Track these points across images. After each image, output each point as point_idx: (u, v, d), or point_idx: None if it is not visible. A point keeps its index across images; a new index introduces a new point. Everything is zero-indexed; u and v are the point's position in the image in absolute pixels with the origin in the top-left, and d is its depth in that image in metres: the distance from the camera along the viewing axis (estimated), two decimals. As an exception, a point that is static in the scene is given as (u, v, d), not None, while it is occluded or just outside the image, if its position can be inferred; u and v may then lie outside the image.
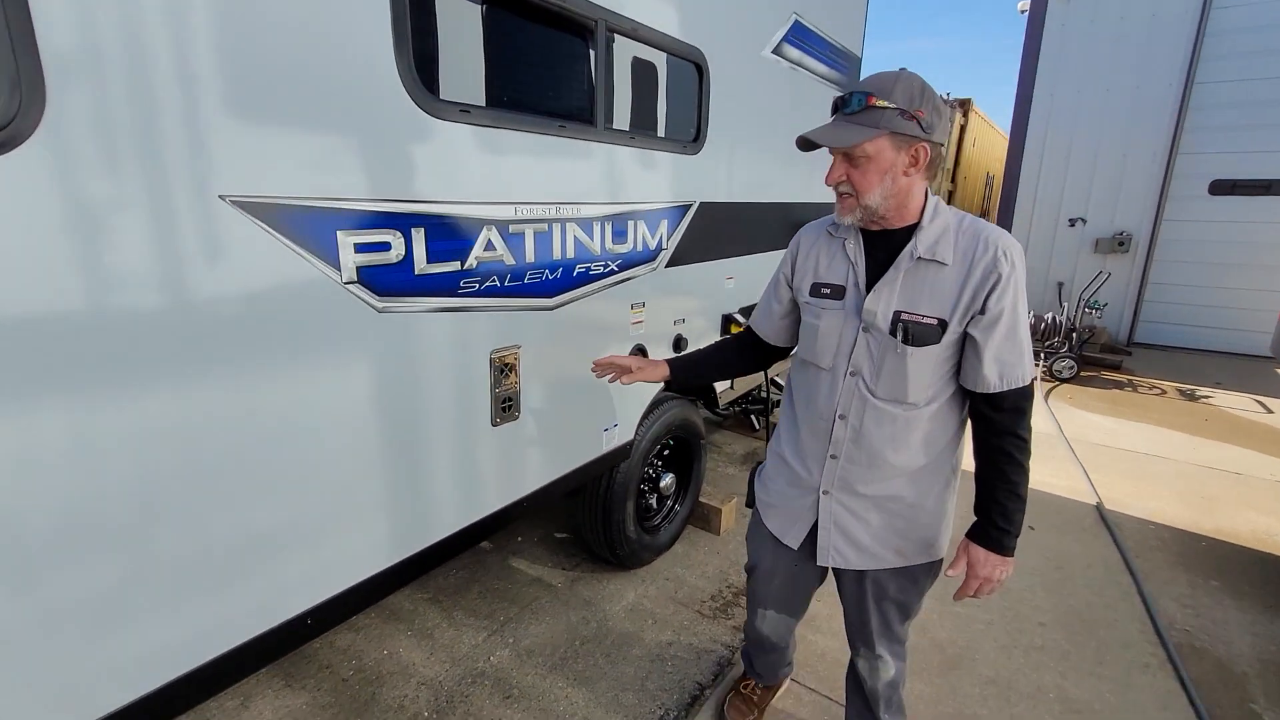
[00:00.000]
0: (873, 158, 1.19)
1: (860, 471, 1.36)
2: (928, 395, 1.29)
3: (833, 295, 1.35)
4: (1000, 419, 1.25)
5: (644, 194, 2.20)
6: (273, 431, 1.28)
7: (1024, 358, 1.23)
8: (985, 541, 1.29)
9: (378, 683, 2.16)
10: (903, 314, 1.25)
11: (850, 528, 1.41)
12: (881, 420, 1.31)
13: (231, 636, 1.29)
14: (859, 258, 1.32)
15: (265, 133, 1.17)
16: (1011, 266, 1.19)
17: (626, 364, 1.62)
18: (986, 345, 1.21)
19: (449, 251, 1.56)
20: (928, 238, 1.24)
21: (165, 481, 1.13)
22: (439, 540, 1.69)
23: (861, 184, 1.22)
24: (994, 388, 1.23)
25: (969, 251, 1.22)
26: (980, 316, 1.21)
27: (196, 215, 1.10)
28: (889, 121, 1.16)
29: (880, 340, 1.28)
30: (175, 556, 1.17)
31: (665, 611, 2.57)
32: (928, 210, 1.26)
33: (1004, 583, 1.31)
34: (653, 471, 2.81)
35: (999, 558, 1.29)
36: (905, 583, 1.45)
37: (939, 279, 1.23)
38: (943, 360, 1.26)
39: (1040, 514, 3.47)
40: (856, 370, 1.32)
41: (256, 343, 1.22)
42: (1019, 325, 1.21)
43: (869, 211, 1.25)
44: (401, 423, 1.54)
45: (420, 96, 1.42)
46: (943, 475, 1.37)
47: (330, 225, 1.30)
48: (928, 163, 1.21)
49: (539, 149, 1.77)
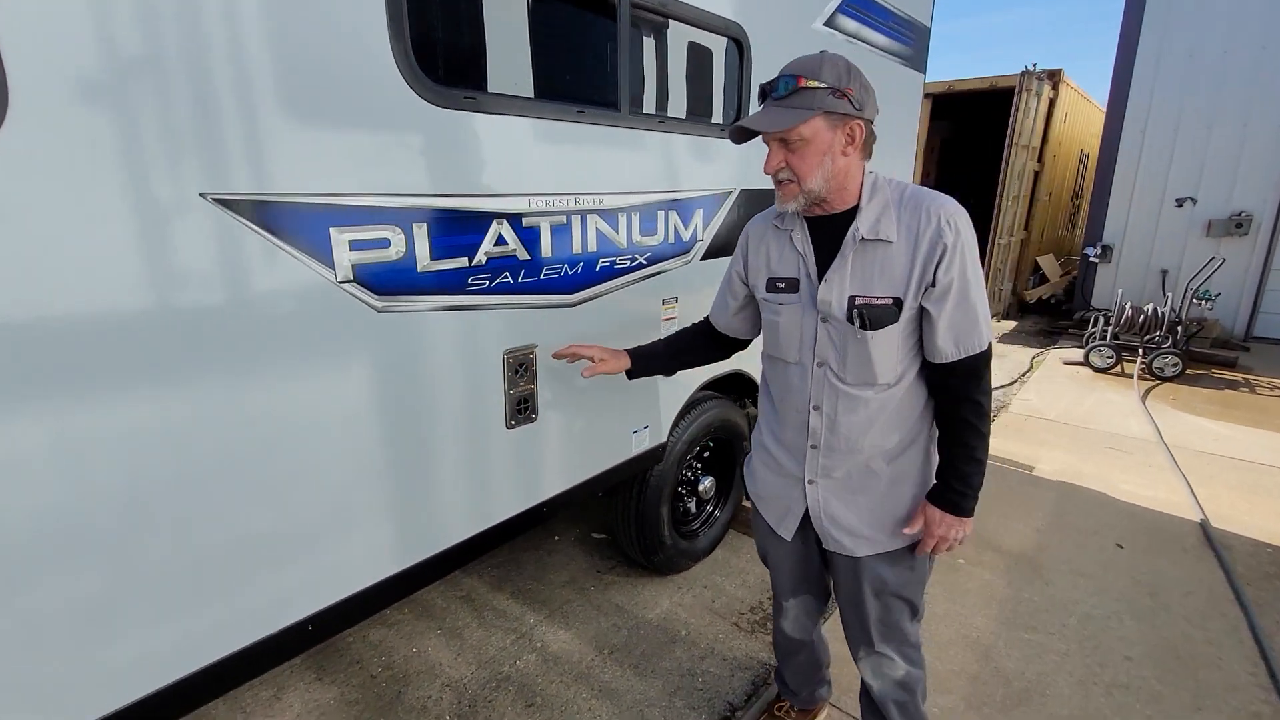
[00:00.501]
0: (810, 140, 1.19)
1: (840, 458, 1.38)
2: (897, 373, 1.30)
3: (788, 289, 1.36)
4: (957, 385, 1.27)
5: (677, 182, 2.06)
6: (266, 437, 1.25)
7: (978, 323, 1.24)
8: (941, 502, 1.32)
9: (404, 681, 2.15)
10: (857, 298, 1.25)
11: (839, 514, 1.42)
12: (855, 406, 1.32)
13: (230, 641, 1.27)
14: (807, 248, 1.32)
15: (248, 126, 1.12)
16: (956, 233, 1.19)
17: (588, 353, 1.64)
18: (940, 316, 1.22)
19: (455, 247, 1.48)
20: (869, 217, 1.24)
21: (151, 489, 1.11)
22: (448, 548, 1.63)
23: (801, 168, 1.21)
24: (951, 356, 1.24)
25: (912, 225, 1.22)
26: (931, 289, 1.21)
27: (176, 214, 1.06)
28: (821, 101, 1.16)
29: (840, 328, 1.29)
30: (164, 563, 1.16)
31: (700, 622, 2.44)
32: (865, 189, 1.26)
33: (961, 542, 1.35)
34: (691, 474, 2.68)
35: (954, 518, 1.31)
36: (901, 568, 1.43)
37: (888, 257, 1.23)
38: (906, 337, 1.27)
39: (1130, 530, 3.11)
40: (823, 361, 1.33)
41: (245, 345, 1.18)
42: (969, 290, 1.21)
43: (811, 196, 1.24)
44: (406, 425, 1.49)
45: (419, 84, 1.34)
46: (920, 447, 1.38)
47: (322, 222, 1.24)
48: (863, 141, 1.22)
49: (555, 137, 1.67)
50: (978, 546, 2.97)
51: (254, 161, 1.13)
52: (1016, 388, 5.44)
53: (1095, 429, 4.46)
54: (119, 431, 1.06)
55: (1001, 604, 2.56)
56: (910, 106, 3.67)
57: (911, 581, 1.45)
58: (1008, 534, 3.08)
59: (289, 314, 1.23)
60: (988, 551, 2.93)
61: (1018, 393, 5.29)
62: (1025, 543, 3.01)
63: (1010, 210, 7.20)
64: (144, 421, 1.08)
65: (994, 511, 3.29)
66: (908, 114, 3.66)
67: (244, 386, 1.19)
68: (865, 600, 1.47)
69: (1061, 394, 5.23)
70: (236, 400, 1.19)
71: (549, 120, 1.64)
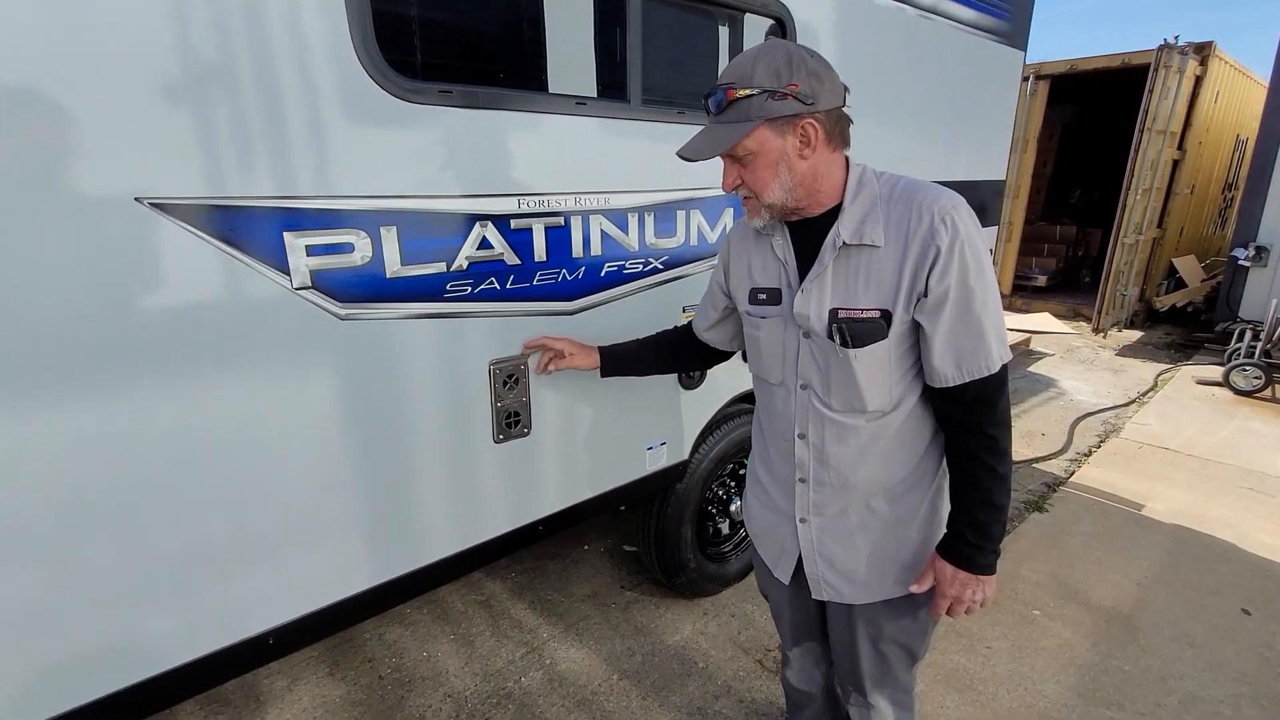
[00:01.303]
0: (757, 153, 1.05)
1: (833, 494, 1.22)
2: (891, 399, 1.13)
3: (769, 300, 1.22)
4: (963, 415, 1.10)
5: (699, 178, 1.87)
6: (219, 450, 1.21)
7: (984, 339, 1.04)
8: (954, 556, 1.14)
9: (409, 686, 2.13)
10: (839, 311, 1.10)
11: (837, 558, 1.25)
12: (844, 436, 1.17)
13: (177, 654, 1.26)
14: (788, 254, 1.17)
15: (189, 124, 1.07)
16: (952, 233, 1.02)
17: (558, 346, 1.56)
18: (935, 332, 1.05)
19: (430, 251, 1.39)
20: (851, 219, 1.08)
21: (89, 502, 1.10)
22: (426, 565, 1.56)
23: (756, 183, 1.08)
24: (952, 380, 1.06)
25: (902, 225, 1.05)
26: (924, 300, 1.04)
27: (110, 221, 1.03)
28: (759, 109, 1.01)
29: (822, 345, 1.14)
30: (102, 578, 1.14)
31: (721, 655, 2.26)
32: (850, 186, 1.10)
33: (984, 605, 1.15)
34: (723, 492, 2.49)
35: (970, 575, 1.13)
36: (904, 618, 1.28)
37: (875, 263, 1.07)
38: (899, 357, 1.10)
39: (1263, 593, 2.59)
40: (807, 383, 1.18)
41: (191, 357, 1.14)
42: (972, 301, 1.03)
43: (775, 209, 1.11)
44: (376, 437, 1.42)
45: (385, 77, 1.26)
46: (928, 485, 1.21)
47: (275, 226, 1.18)
48: (825, 136, 1.05)
49: (550, 132, 1.54)
50: (1060, 596, 2.57)
51: (195, 162, 1.08)
52: (1133, 409, 4.76)
53: (1230, 464, 3.79)
54: (53, 444, 1.04)
55: (1082, 671, 2.18)
56: (1006, 89, 3.23)
57: (913, 631, 1.30)
58: (1100, 584, 2.65)
59: (241, 322, 1.18)
60: (1072, 604, 2.53)
61: (1134, 415, 4.63)
62: (1122, 597, 2.57)
63: (1140, 205, 6.31)
64: (81, 435, 1.07)
65: (1086, 555, 2.85)
66: (1003, 98, 3.23)
67: (192, 399, 1.16)
68: (859, 648, 1.32)
69: (1190, 419, 4.52)
70: (184, 414, 1.16)
71: (542, 114, 1.51)
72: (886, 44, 2.36)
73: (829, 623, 1.40)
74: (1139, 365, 5.93)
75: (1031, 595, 2.58)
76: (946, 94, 2.76)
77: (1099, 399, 4.97)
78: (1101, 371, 5.73)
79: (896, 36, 2.39)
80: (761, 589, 1.55)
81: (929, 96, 2.65)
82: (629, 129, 1.68)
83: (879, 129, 2.39)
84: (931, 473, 1.21)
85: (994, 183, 3.38)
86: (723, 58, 1.94)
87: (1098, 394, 5.09)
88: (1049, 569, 2.75)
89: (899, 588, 1.24)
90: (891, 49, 2.39)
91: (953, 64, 2.74)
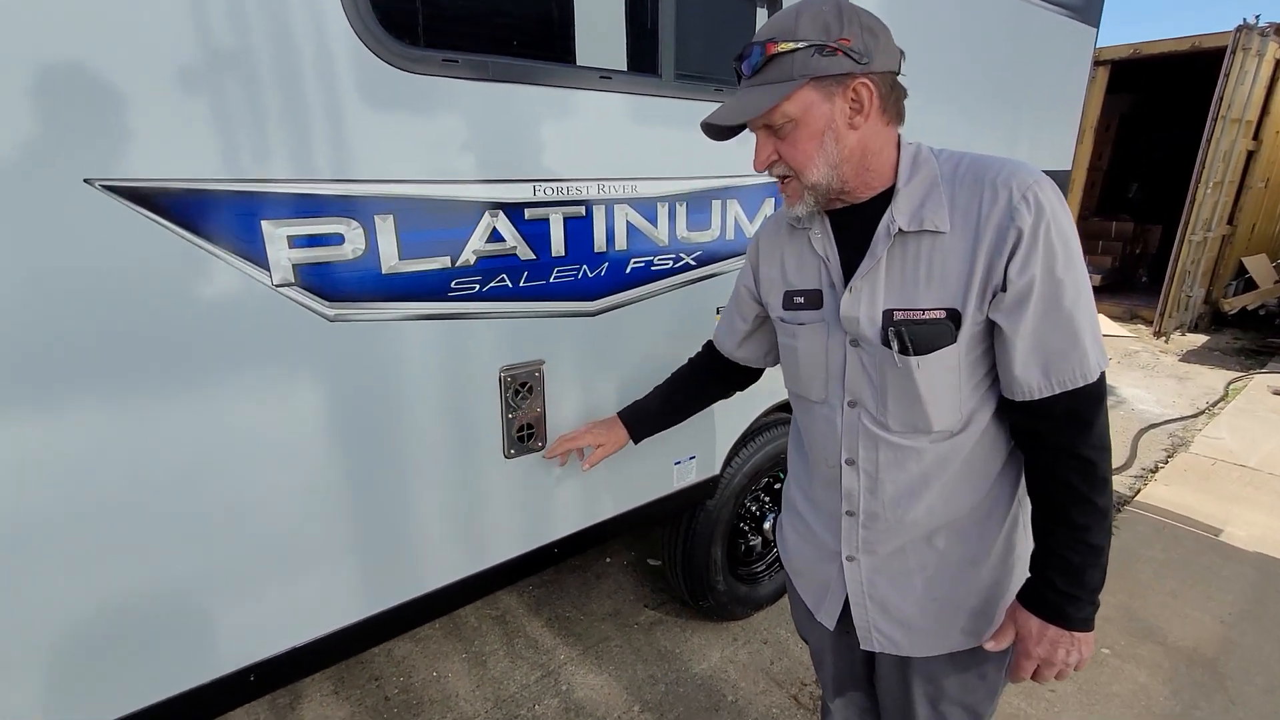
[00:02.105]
0: (799, 119, 0.88)
1: (887, 531, 1.03)
2: (960, 416, 0.95)
3: (808, 304, 1.04)
4: (1051, 435, 0.90)
5: (738, 164, 1.68)
6: (183, 474, 1.07)
7: (1078, 341, 0.87)
8: (1042, 608, 0.94)
9: (416, 710, 1.99)
10: (895, 312, 0.92)
11: (891, 602, 1.07)
12: (903, 461, 0.98)
13: (148, 691, 1.12)
14: (829, 250, 0.99)
15: (151, 97, 0.92)
16: (1036, 212, 0.84)
17: (585, 440, 1.40)
18: (1016, 334, 0.87)
19: (432, 244, 1.23)
20: (909, 201, 0.91)
21: (34, 518, 0.96)
22: (424, 594, 1.41)
23: (797, 158, 0.90)
24: (1038, 391, 0.88)
25: (971, 205, 0.88)
26: (1002, 295, 0.87)
27: (55, 205, 0.88)
28: (804, 66, 0.85)
29: (875, 354, 0.95)
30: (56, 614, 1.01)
31: (753, 688, 2.07)
32: (903, 164, 0.93)
33: (1079, 668, 0.94)
34: (756, 509, 2.29)
35: (1061, 631, 0.92)
36: (970, 675, 1.09)
37: (938, 254, 0.90)
38: (970, 365, 0.93)
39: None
40: (855, 399, 1.00)
41: (152, 364, 1.00)
42: (1063, 295, 0.85)
43: (820, 191, 0.92)
44: (367, 456, 1.27)
45: (380, 42, 1.09)
46: (1002, 516, 1.02)
47: (250, 214, 1.03)
48: (880, 103, 0.89)
49: (571, 109, 1.36)
50: (1133, 633, 2.31)
51: (156, 140, 0.93)
52: (1203, 421, 4.39)
53: (1318, 485, 3.44)
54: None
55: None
56: (1077, 70, 2.95)
57: (980, 691, 1.11)
58: (1177, 620, 2.38)
59: (212, 325, 1.04)
60: (1147, 643, 2.27)
61: (1204, 427, 4.26)
62: (1203, 636, 2.30)
63: (1210, 200, 5.86)
64: (26, 448, 0.93)
65: (1159, 586, 2.57)
66: (1071, 79, 2.94)
67: (154, 412, 1.02)
68: (915, 709, 1.14)
69: (1268, 433, 4.14)
70: (145, 430, 1.01)
71: (563, 89, 1.34)
72: (940, 13, 2.12)
73: (879, 676, 1.21)
74: (1206, 372, 5.51)
75: (1100, 630, 2.30)
76: (1007, 72, 2.50)
77: (1164, 409, 4.61)
78: (1164, 379, 5.34)
79: (952, 5, 2.15)
80: (800, 631, 1.37)
81: (987, 74, 2.40)
82: (659, 107, 1.49)
83: (929, 108, 2.15)
84: (1007, 501, 1.03)
85: (1058, 173, 3.10)
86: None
87: (1162, 404, 4.73)
88: (1118, 600, 2.48)
89: (966, 639, 1.06)
90: (947, 19, 2.15)
91: (1015, 38, 2.48)
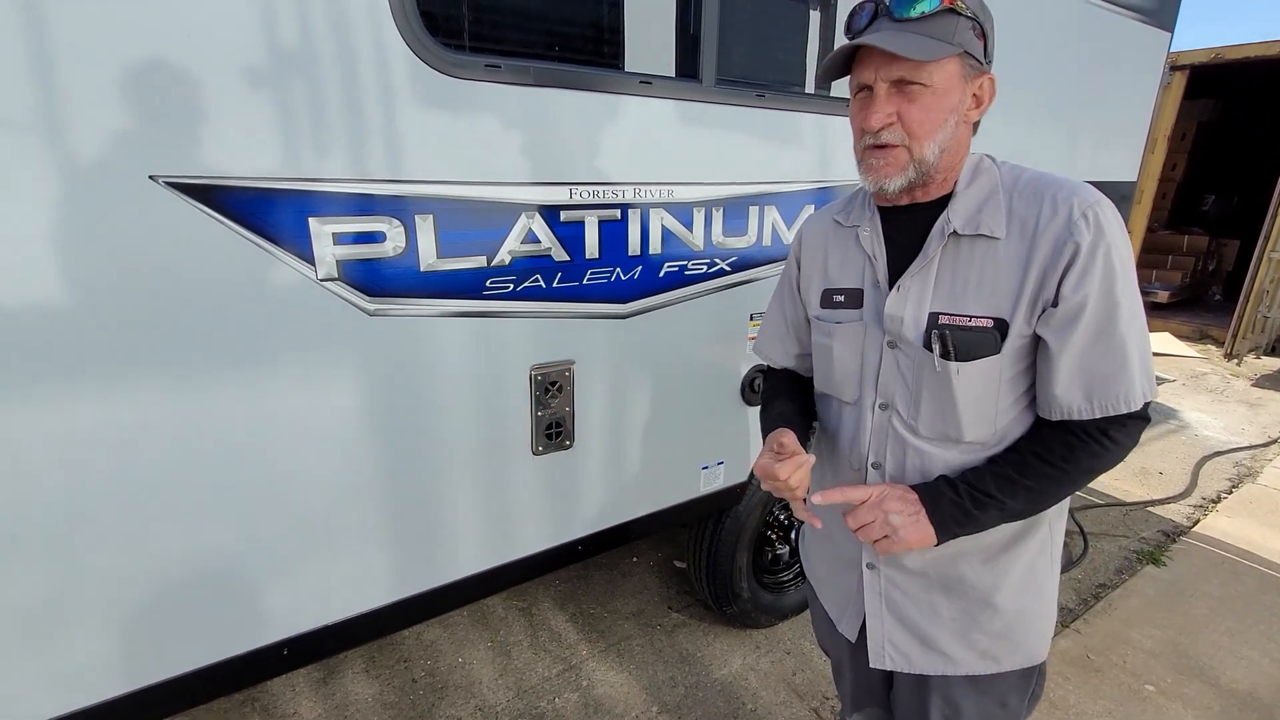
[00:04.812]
0: (938, 90, 0.84)
1: None
2: (994, 430, 0.93)
3: (847, 303, 1.02)
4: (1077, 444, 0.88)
5: (778, 170, 1.67)
6: (233, 448, 1.13)
7: (1127, 366, 0.85)
8: (923, 494, 0.92)
9: (441, 694, 2.05)
10: (941, 316, 0.91)
11: (910, 616, 1.05)
12: (930, 468, 0.96)
13: (196, 657, 1.19)
14: (877, 248, 0.97)
15: (210, 99, 0.98)
16: (1095, 232, 0.83)
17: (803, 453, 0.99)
18: (1062, 352, 0.85)
19: (470, 244, 1.27)
20: (966, 205, 0.90)
21: (93, 496, 1.03)
22: (448, 583, 1.45)
23: (921, 125, 0.84)
24: (1079, 413, 0.86)
25: (1029, 216, 0.87)
26: (1053, 310, 0.85)
27: (121, 201, 0.95)
28: (964, 37, 0.82)
29: (914, 357, 0.94)
30: (108, 575, 1.08)
31: (773, 698, 2.05)
32: (965, 169, 0.92)
33: (890, 545, 0.92)
34: (785, 518, 2.27)
35: (910, 512, 0.91)
36: (987, 701, 1.06)
37: (991, 261, 0.88)
38: (1011, 379, 0.91)
39: None
40: (888, 402, 0.98)
41: (205, 351, 1.06)
42: (1118, 317, 0.84)
43: (922, 168, 0.88)
44: (402, 442, 1.31)
45: (425, 48, 1.13)
46: (1031, 537, 0.99)
47: (299, 211, 1.08)
48: (989, 105, 0.90)
49: (611, 114, 1.38)
50: (1180, 671, 2.19)
51: (215, 140, 0.99)
52: (1273, 451, 4.12)
53: (1401, 526, 3.19)
54: (57, 436, 0.98)
55: (1206, 767, 1.84)
56: (1145, 76, 2.81)
57: (999, 718, 1.08)
58: (1231, 661, 2.25)
59: (259, 314, 1.10)
60: (1195, 681, 2.15)
61: (1275, 458, 4.00)
62: (1259, 679, 2.17)
63: (1293, 215, 5.50)
64: (88, 427, 1.00)
65: (1214, 624, 2.43)
66: (1140, 86, 2.81)
67: (205, 397, 1.08)
68: None
69: (1348, 468, 3.86)
70: (196, 413, 1.08)
71: (601, 94, 1.35)
72: (1002, 14, 2.05)
73: (896, 695, 1.18)
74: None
75: (1143, 665, 2.22)
76: (1072, 78, 2.40)
77: (1231, 436, 4.34)
78: (1234, 404, 5.03)
79: (1019, 8, 2.08)
80: (820, 643, 1.35)
81: (1051, 80, 2.31)
82: (699, 113, 1.49)
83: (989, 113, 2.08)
84: (1035, 527, 1.00)
85: (1122, 185, 2.96)
86: (812, 33, 1.72)
87: (1229, 430, 4.46)
88: (1167, 636, 2.36)
89: (985, 663, 1.03)
90: (1015, 25, 2.08)
91: (1082, 42, 2.38)
